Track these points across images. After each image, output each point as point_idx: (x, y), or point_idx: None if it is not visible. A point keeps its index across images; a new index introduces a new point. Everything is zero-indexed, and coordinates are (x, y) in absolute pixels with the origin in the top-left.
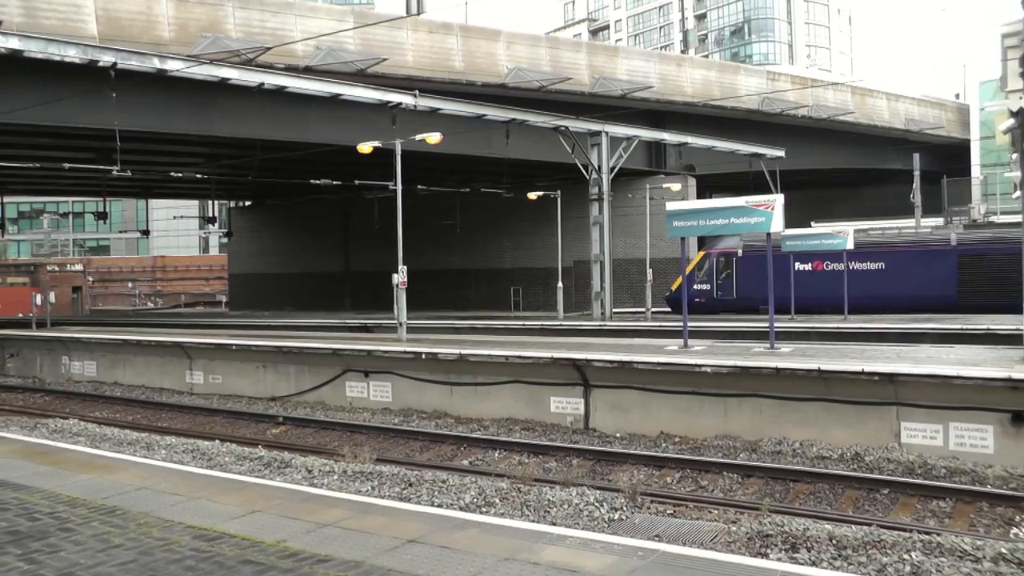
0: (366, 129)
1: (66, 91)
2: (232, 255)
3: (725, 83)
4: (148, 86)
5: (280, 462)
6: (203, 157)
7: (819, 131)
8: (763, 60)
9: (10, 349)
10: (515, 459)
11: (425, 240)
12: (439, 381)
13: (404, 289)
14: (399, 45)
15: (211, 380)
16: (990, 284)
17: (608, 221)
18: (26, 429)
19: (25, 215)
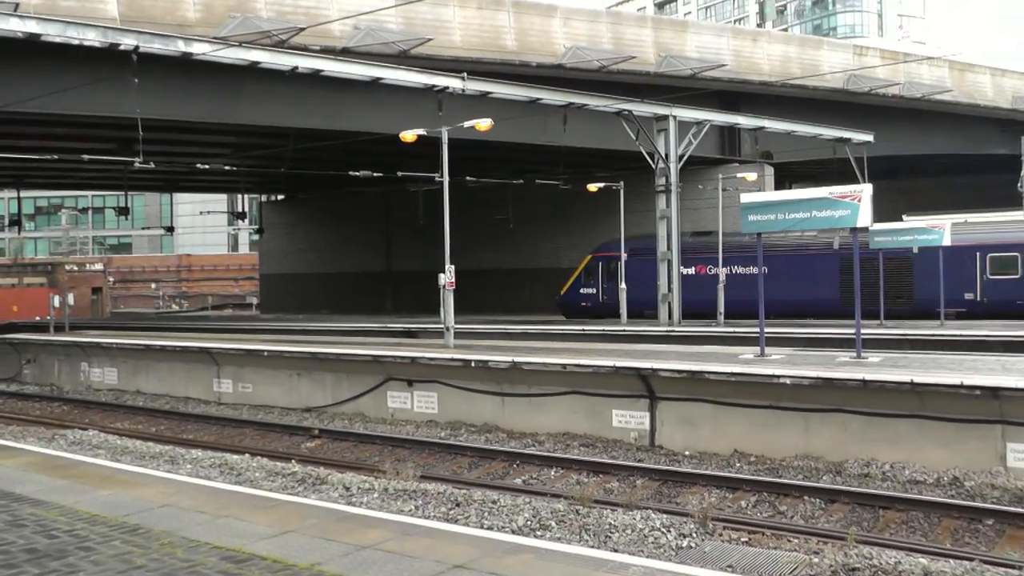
0: (409, 116)
1: (85, 77)
2: (263, 253)
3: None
4: (172, 71)
5: (315, 478)
6: (232, 147)
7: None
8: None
9: (27, 355)
10: (573, 478)
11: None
12: (490, 391)
13: (452, 290)
14: (445, 23)
15: (241, 389)
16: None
17: (676, 215)
18: (43, 440)
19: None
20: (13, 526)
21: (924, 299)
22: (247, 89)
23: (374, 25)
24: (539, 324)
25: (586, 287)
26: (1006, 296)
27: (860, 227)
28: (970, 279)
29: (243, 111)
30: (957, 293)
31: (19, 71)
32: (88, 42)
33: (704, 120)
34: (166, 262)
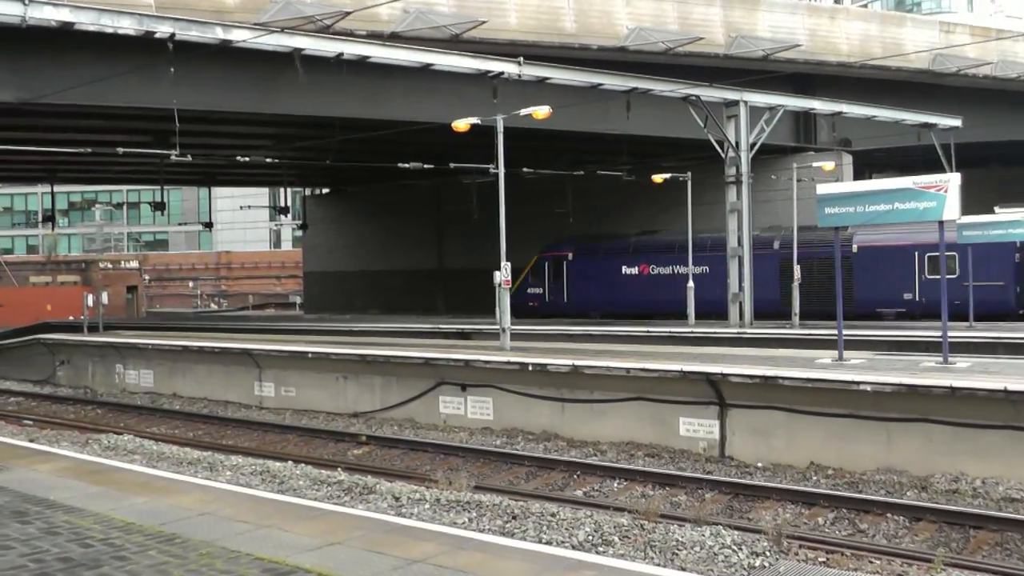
0: (462, 104)
1: (119, 67)
2: (307, 250)
3: (888, 38)
4: (210, 60)
5: (363, 487)
6: (273, 139)
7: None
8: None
9: (60, 356)
10: (637, 491)
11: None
12: (549, 397)
13: (508, 289)
14: (500, 5)
15: (283, 393)
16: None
17: (748, 207)
18: (77, 445)
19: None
20: (47, 534)
21: (865, 299)
22: (289, 77)
23: (424, 8)
24: (602, 325)
25: (533, 287)
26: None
27: (947, 220)
28: (909, 279)
29: (285, 100)
30: (896, 293)
31: (51, 61)
32: (122, 30)
33: (777, 105)
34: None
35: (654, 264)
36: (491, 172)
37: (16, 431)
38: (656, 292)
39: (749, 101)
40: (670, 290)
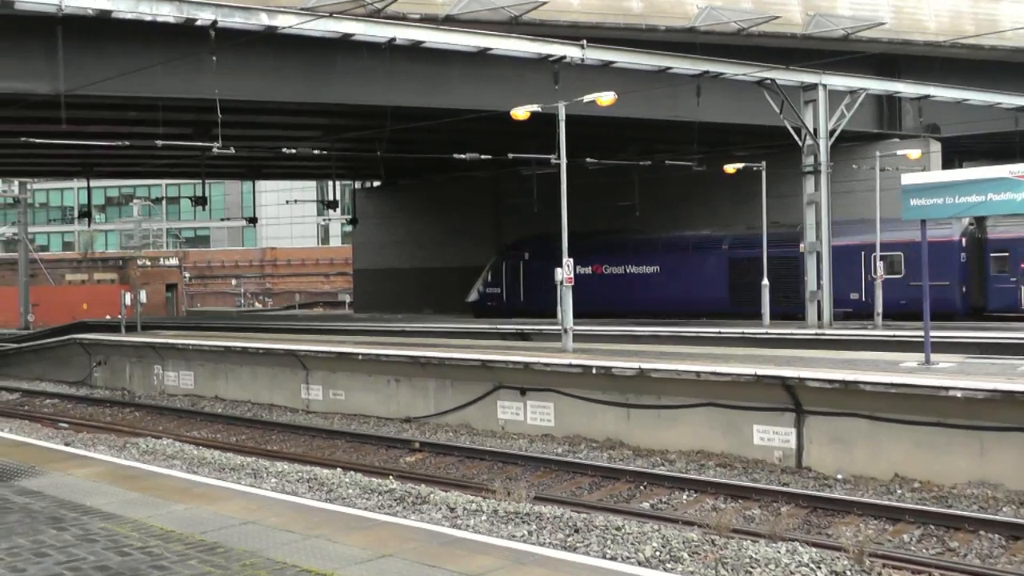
0: (521, 90)
1: (159, 56)
2: (357, 246)
3: (981, 14)
4: (254, 47)
5: (416, 497)
6: (321, 129)
7: None
8: None
9: (97, 356)
10: (708, 503)
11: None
12: (613, 402)
13: (570, 287)
14: None
15: (332, 396)
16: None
17: (827, 199)
18: (114, 449)
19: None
20: (84, 541)
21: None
22: (338, 65)
23: None
24: (669, 326)
25: (492, 287)
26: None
27: None
28: (856, 279)
29: (334, 89)
30: (843, 293)
31: (88, 51)
32: (162, 18)
33: (859, 89)
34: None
35: (607, 264)
36: (552, 163)
37: (51, 434)
38: (610, 292)
39: (828, 84)
40: (623, 290)
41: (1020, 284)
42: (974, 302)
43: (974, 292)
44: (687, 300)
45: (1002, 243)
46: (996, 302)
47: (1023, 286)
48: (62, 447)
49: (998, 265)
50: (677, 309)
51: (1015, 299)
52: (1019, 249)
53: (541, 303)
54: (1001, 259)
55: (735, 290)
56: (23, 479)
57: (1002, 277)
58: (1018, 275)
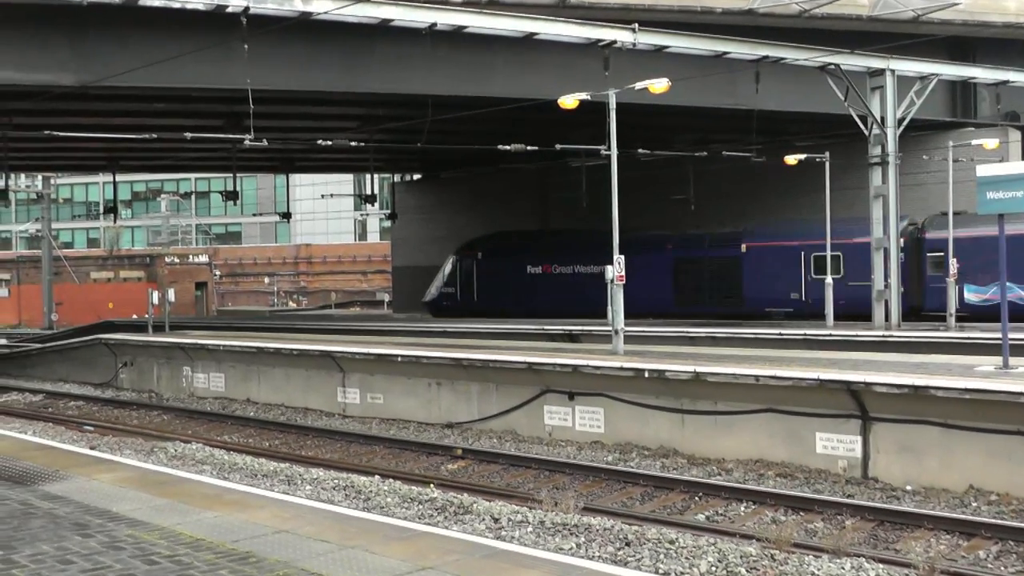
0: (569, 78)
1: (187, 45)
2: (397, 242)
3: None
4: (288, 34)
5: (458, 506)
6: (358, 120)
7: None
8: None
9: (123, 357)
10: (767, 515)
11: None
12: (667, 408)
13: (621, 285)
14: None
15: (369, 400)
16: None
17: (895, 192)
18: (142, 454)
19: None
20: (110, 548)
21: (753, 299)
22: (377, 52)
23: None
24: (727, 327)
25: (447, 286)
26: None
27: None
28: (796, 279)
29: (372, 78)
30: (784, 293)
31: (114, 41)
32: (191, 5)
33: (930, 74)
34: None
35: (556, 264)
36: (602, 154)
37: (76, 437)
38: (559, 291)
39: (897, 70)
40: (572, 289)
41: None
42: (912, 302)
43: (912, 292)
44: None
45: (938, 243)
46: (932, 302)
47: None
48: (87, 451)
49: (934, 265)
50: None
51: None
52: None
53: (494, 303)
54: (937, 259)
55: (680, 291)
56: (47, 483)
57: (938, 277)
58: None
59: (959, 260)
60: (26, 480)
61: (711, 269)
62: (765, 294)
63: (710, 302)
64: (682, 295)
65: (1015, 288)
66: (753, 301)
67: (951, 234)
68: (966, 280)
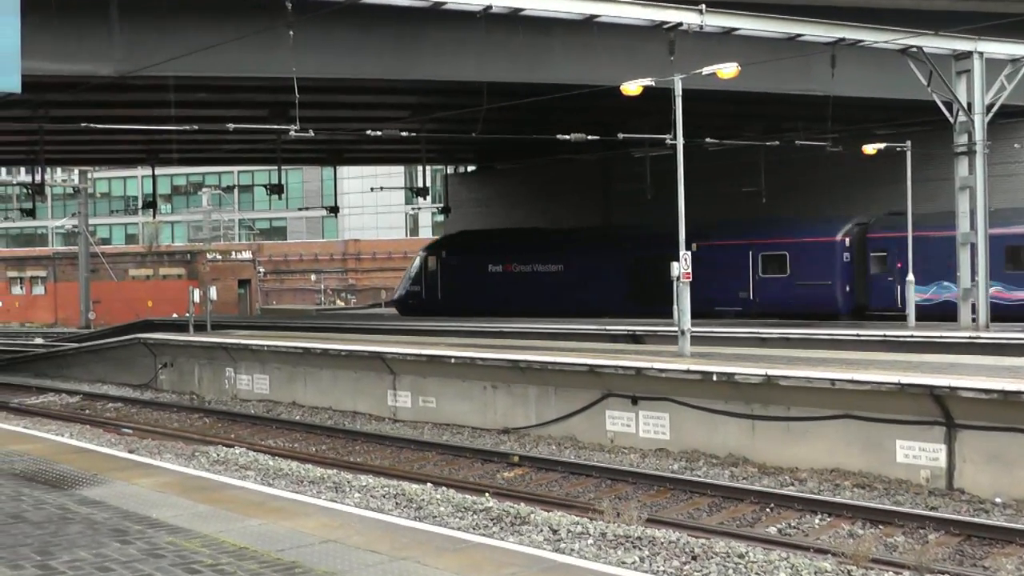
0: (632, 62)
1: (229, 33)
2: None
3: None
4: (335, 20)
5: (514, 516)
6: (409, 109)
7: None
8: None
9: (163, 358)
10: (843, 529)
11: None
12: (736, 413)
13: (688, 283)
14: None
15: (421, 403)
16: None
17: (984, 183)
18: (182, 458)
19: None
20: (150, 556)
21: (703, 298)
22: (429, 37)
23: None
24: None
25: (413, 285)
26: (776, 295)
27: None
28: (744, 278)
29: (424, 65)
30: (732, 292)
31: (152, 30)
32: None
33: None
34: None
35: (516, 263)
36: (667, 143)
37: (114, 440)
38: (520, 290)
39: (985, 52)
40: (531, 288)
41: (897, 283)
42: (858, 301)
43: (858, 291)
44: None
45: (881, 243)
46: (877, 301)
47: (899, 285)
48: (126, 454)
49: (877, 265)
50: (580, 310)
51: (893, 297)
52: (896, 249)
53: (457, 302)
54: (880, 258)
55: (635, 290)
56: (85, 488)
57: (881, 276)
58: (895, 274)
59: (900, 260)
60: (63, 484)
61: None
62: (715, 293)
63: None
64: (638, 294)
65: (953, 288)
66: (704, 301)
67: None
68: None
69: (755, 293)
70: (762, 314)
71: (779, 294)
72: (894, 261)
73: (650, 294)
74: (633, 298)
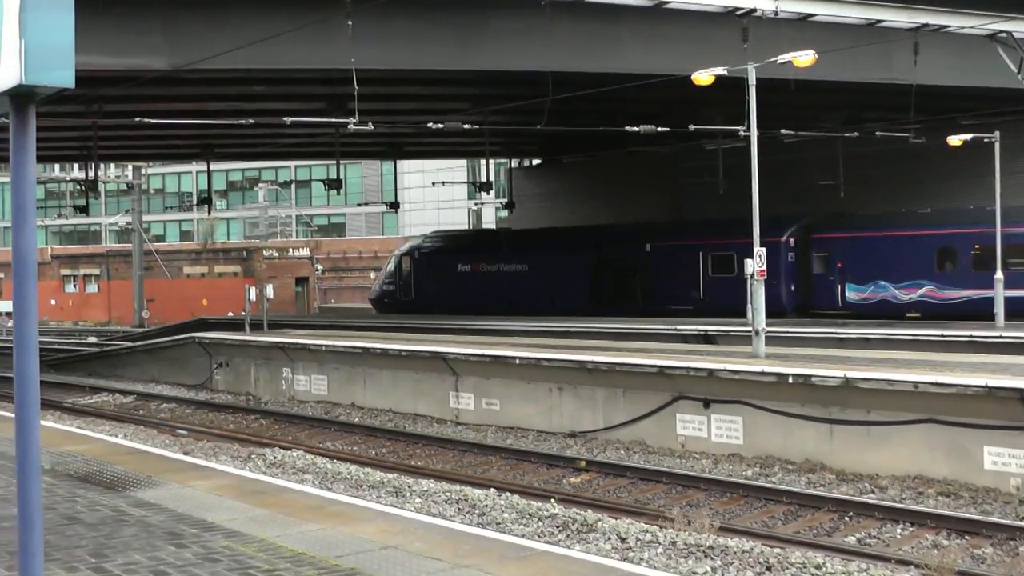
0: (703, 51)
1: (286, 24)
2: None
3: None
4: (394, 10)
5: (581, 524)
6: (471, 101)
7: None
8: None
9: (218, 357)
10: (927, 539)
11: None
12: (813, 417)
13: (763, 281)
14: None
15: (485, 405)
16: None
17: None
18: (238, 460)
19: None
20: (205, 560)
21: (658, 297)
22: (491, 26)
23: None
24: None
25: (388, 284)
26: (725, 294)
27: None
28: (695, 278)
29: (486, 54)
30: (685, 291)
31: (207, 21)
32: None
33: None
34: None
35: (483, 262)
36: (741, 135)
37: (169, 441)
38: (488, 289)
39: None
40: (499, 287)
41: (839, 282)
42: (802, 300)
43: (802, 291)
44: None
45: (823, 243)
46: (819, 300)
47: (840, 285)
48: (180, 456)
49: (820, 265)
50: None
51: (835, 297)
52: (837, 250)
53: (429, 301)
54: (822, 259)
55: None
56: (139, 490)
57: (823, 276)
58: (835, 274)
59: (840, 260)
60: (117, 486)
61: (621, 268)
62: (669, 292)
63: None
64: (598, 294)
65: (889, 287)
66: (658, 300)
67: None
68: (847, 279)
69: (705, 292)
70: (711, 313)
71: (728, 293)
72: (835, 261)
73: (609, 294)
74: (594, 297)
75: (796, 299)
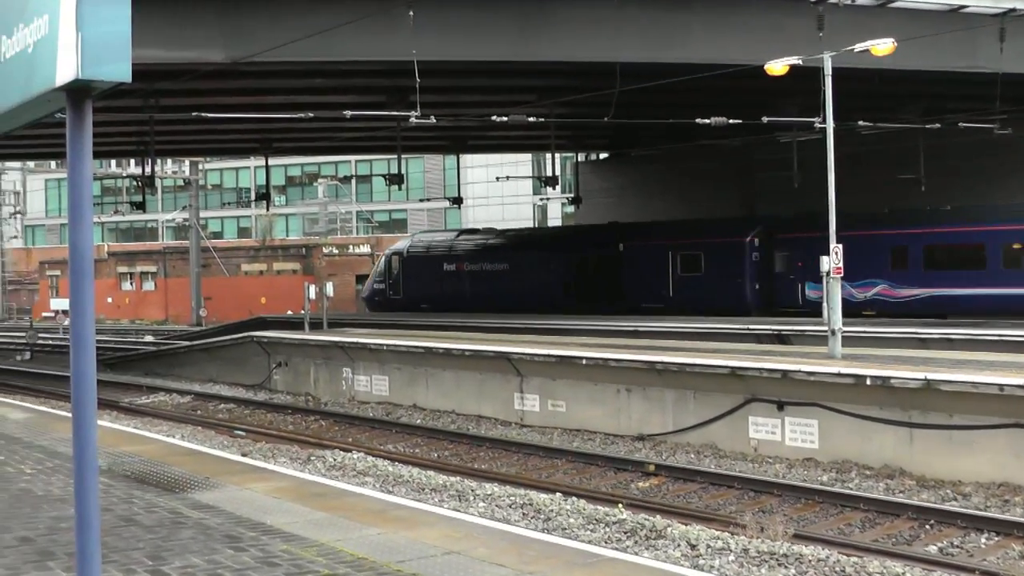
0: (776, 40)
1: (346, 15)
2: None
3: None
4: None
5: (650, 530)
6: (536, 93)
7: None
8: None
9: (277, 357)
10: (1013, 549)
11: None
12: (892, 420)
13: (839, 278)
14: None
15: (550, 407)
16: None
17: None
18: (297, 462)
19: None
20: (264, 564)
21: (630, 295)
22: (557, 15)
23: None
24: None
25: (379, 283)
26: (692, 292)
27: None
28: (665, 277)
29: (551, 45)
30: (655, 290)
31: (265, 13)
32: None
33: None
34: None
35: (468, 262)
36: (816, 127)
37: (227, 443)
38: (471, 288)
39: None
40: (481, 286)
41: (799, 281)
42: (766, 299)
43: (766, 289)
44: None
45: (784, 243)
46: (782, 299)
47: (800, 283)
48: (239, 458)
49: (782, 264)
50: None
51: (795, 296)
52: (797, 249)
53: (417, 299)
54: (784, 258)
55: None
56: (197, 491)
57: (784, 275)
58: (796, 273)
59: (800, 260)
60: (175, 487)
61: (596, 267)
62: (641, 290)
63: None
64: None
65: (846, 286)
66: (630, 297)
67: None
68: (807, 278)
69: (675, 291)
70: (681, 311)
71: (695, 292)
72: (795, 261)
73: (584, 292)
74: (570, 296)
75: (760, 298)
